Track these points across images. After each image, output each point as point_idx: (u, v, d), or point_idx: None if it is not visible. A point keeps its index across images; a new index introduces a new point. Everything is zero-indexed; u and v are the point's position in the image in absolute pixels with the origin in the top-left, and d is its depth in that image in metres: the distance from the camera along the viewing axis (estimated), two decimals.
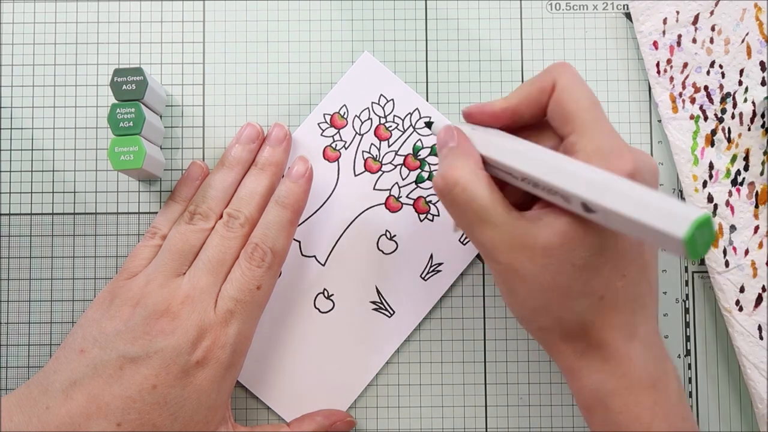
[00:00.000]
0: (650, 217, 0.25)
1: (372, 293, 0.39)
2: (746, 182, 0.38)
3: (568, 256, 0.29)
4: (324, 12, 0.40)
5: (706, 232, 0.24)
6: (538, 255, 0.29)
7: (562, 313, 0.30)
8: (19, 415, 0.32)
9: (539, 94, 0.32)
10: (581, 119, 0.30)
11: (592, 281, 0.29)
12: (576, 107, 0.30)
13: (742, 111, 0.38)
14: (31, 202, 0.39)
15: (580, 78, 0.31)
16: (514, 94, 0.32)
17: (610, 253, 0.29)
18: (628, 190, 0.26)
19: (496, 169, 0.31)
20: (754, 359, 0.37)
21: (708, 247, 0.25)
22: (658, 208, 0.25)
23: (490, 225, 0.30)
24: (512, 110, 0.32)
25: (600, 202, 0.26)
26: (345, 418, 0.38)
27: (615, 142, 0.29)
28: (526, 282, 0.30)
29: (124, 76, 0.36)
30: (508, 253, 0.30)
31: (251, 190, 0.37)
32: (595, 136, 0.29)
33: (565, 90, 0.31)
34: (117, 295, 0.35)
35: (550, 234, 0.29)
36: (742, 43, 0.39)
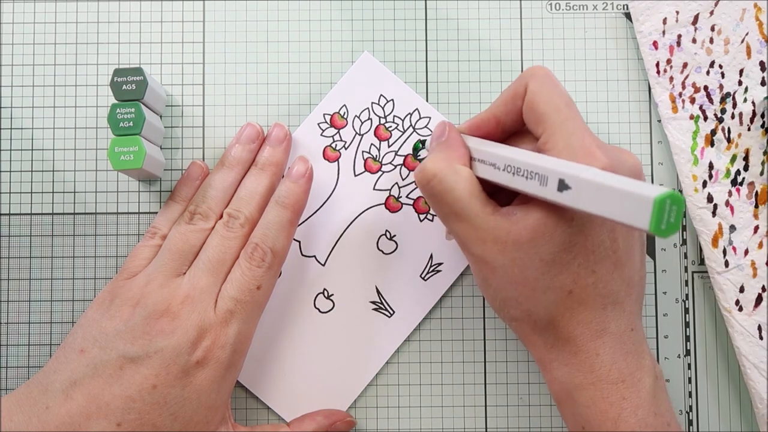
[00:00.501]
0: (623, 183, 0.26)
1: (372, 293, 0.39)
2: (746, 182, 0.38)
3: (536, 250, 0.30)
4: (324, 12, 0.40)
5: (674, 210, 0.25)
6: (509, 248, 0.30)
7: (530, 305, 0.31)
8: (19, 414, 0.32)
9: (514, 99, 0.33)
10: (551, 119, 0.31)
11: (560, 276, 0.30)
12: (546, 108, 0.31)
13: (742, 111, 0.38)
14: (31, 202, 0.39)
15: (552, 79, 0.32)
16: (494, 103, 0.34)
17: (579, 249, 0.30)
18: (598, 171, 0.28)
19: (483, 164, 0.32)
20: (754, 359, 0.37)
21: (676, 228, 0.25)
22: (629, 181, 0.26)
23: (463, 217, 0.31)
24: (494, 118, 0.34)
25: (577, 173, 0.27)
26: (345, 418, 0.38)
27: (584, 140, 0.30)
28: (497, 274, 0.31)
29: (124, 76, 0.36)
30: (480, 245, 0.31)
31: (251, 190, 0.37)
32: (565, 134, 0.30)
33: (536, 92, 0.32)
34: (117, 295, 0.35)
35: (520, 228, 0.30)
36: (741, 43, 0.39)
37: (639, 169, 0.32)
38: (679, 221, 0.25)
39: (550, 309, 0.31)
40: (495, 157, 0.31)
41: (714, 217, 0.38)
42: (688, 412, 0.39)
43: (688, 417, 0.39)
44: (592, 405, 0.31)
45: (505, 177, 0.31)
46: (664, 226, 0.25)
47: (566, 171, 0.28)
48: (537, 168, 0.29)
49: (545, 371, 0.33)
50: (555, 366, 0.32)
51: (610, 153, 0.30)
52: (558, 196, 0.28)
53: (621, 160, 0.30)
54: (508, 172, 0.30)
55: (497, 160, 0.31)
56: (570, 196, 0.27)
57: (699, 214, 0.38)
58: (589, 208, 0.27)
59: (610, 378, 0.31)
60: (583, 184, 0.27)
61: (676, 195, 0.25)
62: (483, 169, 0.32)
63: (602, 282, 0.31)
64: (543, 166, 0.29)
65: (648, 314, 0.40)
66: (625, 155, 0.31)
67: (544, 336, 0.32)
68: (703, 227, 0.38)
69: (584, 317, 0.31)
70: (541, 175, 0.29)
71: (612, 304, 0.31)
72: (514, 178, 0.30)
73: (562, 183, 0.28)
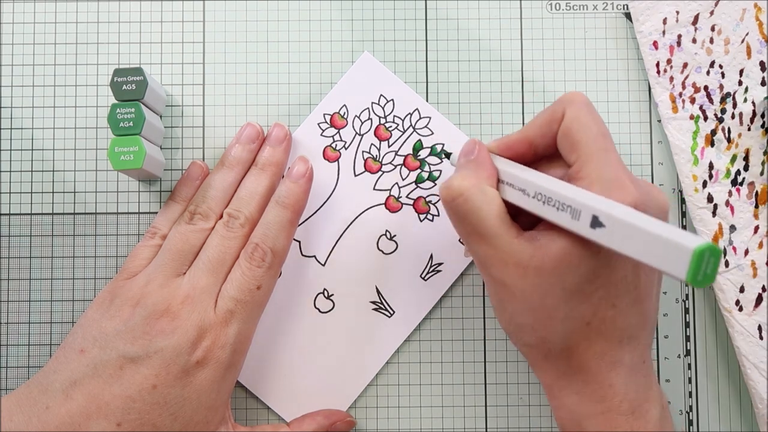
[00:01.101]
0: (661, 229, 0.25)
1: (372, 293, 0.39)
2: (746, 182, 0.38)
3: (559, 279, 0.29)
4: (324, 12, 0.40)
5: (711, 261, 0.24)
6: (531, 274, 0.30)
7: (546, 333, 0.31)
8: (19, 414, 0.32)
9: (550, 123, 0.32)
10: (586, 147, 0.30)
11: (580, 307, 0.30)
12: (582, 136, 0.30)
13: (742, 111, 0.38)
14: (31, 202, 0.39)
15: (590, 107, 0.31)
16: (529, 124, 0.33)
17: (602, 281, 0.30)
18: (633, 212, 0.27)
19: (512, 188, 0.31)
20: (754, 359, 0.37)
21: (711, 279, 0.25)
22: (667, 227, 0.26)
23: (486, 239, 0.31)
24: (527, 141, 0.33)
25: (612, 212, 0.27)
26: (345, 418, 0.38)
27: (618, 173, 0.29)
28: (515, 298, 0.31)
29: (124, 76, 0.36)
30: (501, 268, 0.31)
31: (251, 190, 0.37)
32: (599, 164, 0.30)
33: (573, 118, 0.31)
34: (117, 295, 0.35)
35: (544, 255, 0.29)
36: (742, 43, 0.39)
37: (667, 207, 0.31)
38: (715, 273, 0.25)
39: (567, 338, 0.31)
40: (525, 183, 0.31)
41: (714, 217, 0.38)
42: (688, 412, 0.39)
43: (688, 417, 0.39)
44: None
45: (534, 204, 0.30)
46: (700, 277, 0.24)
47: (601, 208, 0.27)
48: (570, 201, 0.28)
49: (553, 398, 0.32)
50: (565, 394, 0.32)
51: (641, 188, 0.29)
52: (590, 233, 0.27)
53: (651, 196, 0.30)
54: (538, 200, 0.30)
55: (527, 186, 0.30)
56: (603, 234, 0.27)
57: (699, 214, 0.38)
58: (623, 249, 0.26)
59: (621, 409, 0.30)
60: (618, 225, 0.26)
61: (715, 248, 0.24)
62: (511, 193, 0.31)
63: (621, 316, 0.30)
64: (576, 200, 0.28)
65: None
66: (655, 192, 0.31)
67: (556, 364, 0.31)
68: (703, 227, 0.38)
69: (600, 349, 0.30)
70: (574, 208, 0.28)
71: (628, 338, 0.31)
72: (544, 207, 0.29)
73: (596, 220, 0.27)
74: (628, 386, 0.31)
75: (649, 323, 0.32)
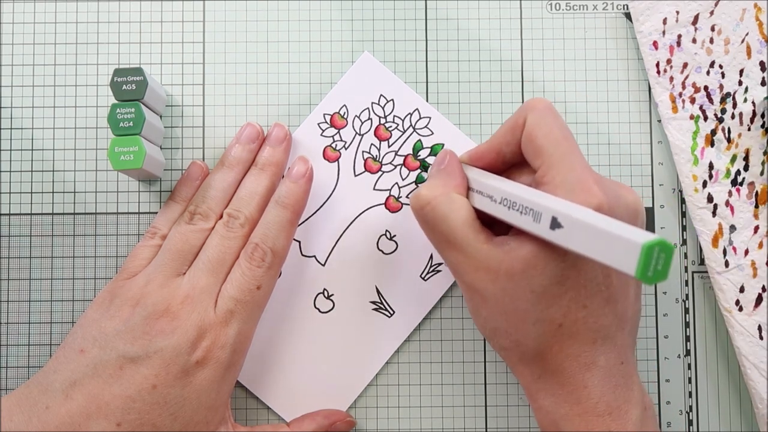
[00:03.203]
0: (613, 226, 0.26)
1: (372, 293, 0.39)
2: (746, 182, 0.38)
3: (528, 282, 0.30)
4: (324, 12, 0.40)
5: (662, 257, 0.25)
6: (501, 279, 0.30)
7: (519, 336, 0.31)
8: (19, 414, 0.32)
9: (513, 130, 0.32)
10: (549, 152, 0.31)
11: (551, 309, 0.30)
12: (544, 141, 0.31)
13: (742, 111, 0.38)
14: (31, 202, 0.39)
15: (552, 112, 0.32)
16: (495, 134, 0.34)
17: (572, 283, 0.30)
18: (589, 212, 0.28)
19: (480, 195, 0.32)
20: (754, 359, 0.37)
21: (663, 276, 0.25)
22: (621, 225, 0.26)
23: (456, 245, 0.31)
24: (495, 149, 0.34)
25: (569, 212, 0.27)
26: (345, 418, 0.38)
27: (582, 175, 0.30)
28: (488, 303, 0.31)
29: (124, 76, 0.36)
30: (472, 274, 0.31)
31: (251, 190, 0.37)
32: (563, 168, 0.30)
33: (534, 124, 0.31)
34: (117, 295, 0.35)
35: (513, 259, 0.30)
36: (742, 43, 0.39)
37: (637, 207, 0.31)
38: (666, 269, 0.25)
39: (539, 341, 0.31)
40: (492, 190, 0.31)
41: (714, 217, 0.38)
42: (688, 412, 0.39)
43: (688, 417, 0.39)
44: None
45: (500, 210, 0.31)
46: (650, 273, 0.25)
47: (559, 209, 0.28)
48: (531, 204, 0.29)
49: (532, 400, 0.33)
50: (542, 396, 0.32)
51: (608, 189, 0.30)
52: (550, 234, 0.28)
53: (619, 196, 0.30)
54: (504, 205, 0.31)
55: (494, 192, 0.31)
56: (561, 234, 0.28)
57: (699, 214, 0.38)
58: (578, 248, 0.27)
59: (597, 410, 0.31)
60: (574, 224, 0.27)
61: (666, 243, 0.25)
62: (480, 201, 0.32)
63: (593, 317, 0.30)
64: (537, 203, 0.29)
65: (648, 314, 0.40)
66: (625, 191, 0.31)
67: (531, 367, 0.32)
68: (703, 227, 0.38)
69: (573, 350, 0.31)
70: (535, 211, 0.29)
71: (602, 339, 0.31)
72: (509, 212, 0.30)
73: (555, 221, 0.28)
74: (604, 387, 0.31)
75: (626, 324, 0.32)
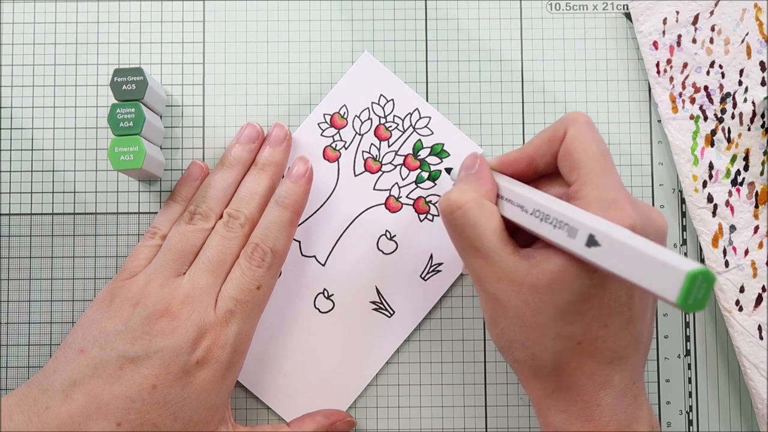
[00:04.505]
0: (655, 251, 0.25)
1: (372, 293, 0.39)
2: (746, 182, 0.38)
3: (553, 297, 0.29)
4: (324, 12, 0.40)
5: (704, 287, 0.24)
6: (525, 291, 0.30)
7: (537, 350, 0.31)
8: (19, 414, 0.32)
9: (551, 141, 0.32)
10: (586, 168, 0.30)
11: (572, 326, 0.30)
12: (583, 156, 0.30)
13: (742, 111, 0.38)
14: (31, 202, 0.39)
15: (592, 127, 0.31)
16: (530, 142, 0.33)
17: (596, 301, 0.30)
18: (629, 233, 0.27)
19: (510, 204, 0.32)
20: (754, 359, 0.37)
21: (702, 306, 0.24)
22: (662, 250, 0.26)
23: (482, 253, 0.31)
24: (528, 158, 0.33)
25: (608, 232, 0.27)
26: (345, 418, 0.38)
27: (618, 195, 0.29)
28: (508, 314, 0.31)
29: (124, 76, 0.36)
30: (495, 283, 0.31)
31: (251, 190, 0.37)
32: (599, 185, 0.30)
33: (575, 138, 0.31)
34: (117, 295, 0.35)
35: (539, 272, 0.29)
36: (742, 43, 0.39)
37: (665, 230, 0.31)
38: (706, 299, 0.24)
39: (557, 356, 0.30)
40: (524, 200, 0.31)
41: (714, 217, 0.38)
42: (688, 412, 0.39)
43: (688, 417, 0.39)
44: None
45: (531, 221, 0.30)
46: (691, 301, 0.24)
47: (597, 227, 0.27)
48: (567, 218, 0.28)
49: (541, 415, 0.32)
50: (552, 412, 0.32)
51: (640, 210, 0.29)
52: (585, 251, 0.27)
53: (650, 219, 0.30)
54: (535, 216, 0.30)
55: (526, 202, 0.31)
56: (598, 253, 0.27)
57: (699, 214, 0.38)
58: (616, 269, 0.26)
59: (608, 428, 0.30)
60: (613, 244, 0.26)
61: (708, 273, 0.24)
62: (509, 209, 0.32)
63: (613, 336, 0.30)
64: (573, 218, 0.28)
65: None
66: (654, 214, 0.31)
67: (545, 382, 0.32)
68: (703, 227, 0.38)
69: (590, 368, 0.30)
70: (571, 226, 0.28)
71: (619, 359, 0.31)
72: (541, 224, 0.30)
73: (592, 239, 0.27)
74: (617, 406, 0.31)
75: (642, 345, 0.32)
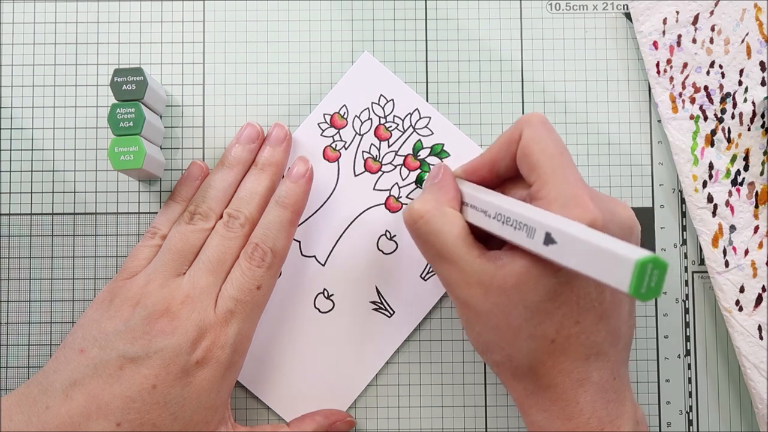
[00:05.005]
0: (607, 242, 0.26)
1: (372, 293, 0.39)
2: (746, 182, 0.38)
3: (521, 297, 0.30)
4: (324, 12, 0.40)
5: (656, 274, 0.25)
6: (493, 293, 0.30)
7: (512, 351, 0.31)
8: (19, 414, 0.32)
9: (509, 145, 0.32)
10: (544, 167, 0.31)
11: (543, 324, 0.30)
12: (539, 156, 0.31)
13: (742, 111, 0.39)
14: (31, 202, 0.39)
15: (547, 126, 0.32)
16: (490, 147, 0.34)
17: (564, 299, 0.30)
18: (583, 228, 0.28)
19: (474, 209, 0.32)
20: (754, 359, 0.37)
21: (656, 293, 0.25)
22: (614, 241, 0.26)
23: (449, 260, 0.31)
24: (489, 163, 0.34)
25: (563, 228, 0.27)
26: (345, 418, 0.38)
27: (577, 190, 0.29)
28: (480, 318, 0.31)
29: (124, 76, 0.36)
30: (465, 288, 0.31)
31: (251, 190, 0.37)
32: (557, 183, 0.30)
33: (530, 139, 0.31)
34: (117, 295, 0.35)
35: (505, 274, 0.30)
36: (742, 43, 0.39)
37: (631, 223, 0.31)
38: (659, 286, 0.25)
39: (532, 356, 0.31)
40: (486, 204, 0.31)
41: (714, 217, 0.38)
42: (688, 412, 0.39)
43: (688, 417, 0.39)
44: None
45: (494, 225, 0.31)
46: (644, 290, 0.24)
47: (553, 224, 0.28)
48: (525, 219, 0.29)
49: (524, 415, 0.33)
50: (534, 411, 0.32)
51: (603, 204, 0.30)
52: (543, 249, 0.28)
53: (614, 212, 0.30)
54: (498, 220, 0.30)
55: (488, 207, 0.31)
56: (555, 250, 0.27)
57: (699, 214, 0.38)
58: (572, 264, 0.27)
59: (589, 426, 0.30)
60: (568, 240, 0.27)
61: (659, 260, 0.24)
62: (474, 215, 0.32)
63: (585, 333, 0.30)
64: (531, 218, 0.29)
65: (648, 314, 0.40)
66: (620, 207, 0.31)
67: (524, 382, 0.32)
68: (703, 227, 0.38)
69: (566, 366, 0.31)
70: (529, 226, 0.29)
71: (595, 355, 0.31)
72: (503, 227, 0.30)
73: (549, 237, 0.28)
74: (596, 403, 0.31)
75: (620, 340, 0.32)
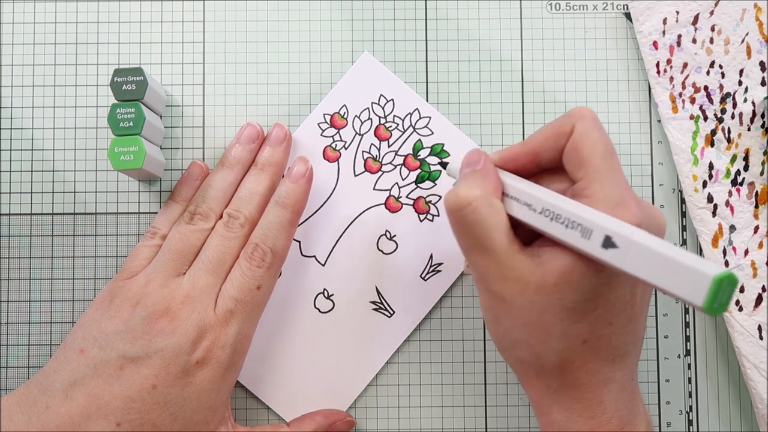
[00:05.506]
0: (680, 255, 0.25)
1: (372, 293, 0.39)
2: (746, 182, 0.38)
3: (560, 296, 0.29)
4: (324, 12, 0.40)
5: (728, 290, 0.24)
6: (531, 290, 0.29)
7: (542, 349, 0.31)
8: (19, 414, 0.32)
9: (558, 137, 0.31)
10: (594, 165, 0.30)
11: (578, 324, 0.30)
12: (591, 152, 0.30)
13: (742, 111, 0.38)
14: (31, 202, 0.39)
15: (599, 124, 0.31)
16: (534, 137, 0.32)
17: (602, 300, 0.29)
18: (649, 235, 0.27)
19: (516, 202, 0.31)
20: (754, 359, 0.37)
21: (724, 308, 0.24)
22: (685, 253, 0.25)
23: (489, 252, 0.30)
24: (532, 153, 0.32)
25: (628, 234, 0.26)
26: (345, 418, 0.38)
27: (624, 193, 0.29)
28: (512, 313, 0.30)
29: (124, 76, 0.36)
30: (501, 282, 0.30)
31: (251, 190, 0.37)
32: (606, 183, 0.29)
33: (583, 134, 0.30)
34: (117, 295, 0.35)
35: (546, 272, 0.29)
36: (741, 43, 0.39)
37: (664, 228, 0.31)
38: (728, 302, 0.24)
39: (562, 355, 0.30)
40: (532, 198, 0.30)
41: (714, 217, 0.38)
42: (688, 412, 0.39)
43: (688, 417, 0.39)
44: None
45: (540, 220, 0.29)
46: (716, 305, 0.24)
47: (615, 229, 0.27)
48: (581, 219, 0.28)
49: (541, 414, 0.32)
50: (555, 410, 0.31)
51: (643, 209, 0.29)
52: (602, 253, 0.27)
53: (652, 217, 0.30)
54: (545, 216, 0.29)
55: (534, 201, 0.30)
56: (615, 255, 0.27)
57: (699, 214, 0.38)
58: (638, 272, 0.26)
59: (610, 425, 0.30)
60: (633, 247, 0.26)
61: (733, 276, 0.24)
62: (516, 208, 0.31)
63: (616, 334, 0.30)
64: (587, 218, 0.28)
65: (648, 314, 0.40)
66: (655, 212, 0.31)
67: (548, 380, 0.31)
68: (703, 227, 0.38)
69: (594, 366, 0.30)
70: (584, 227, 0.27)
71: (621, 356, 0.31)
72: (551, 224, 0.29)
73: (609, 240, 0.27)
74: (618, 403, 0.31)
75: (639, 342, 0.32)
